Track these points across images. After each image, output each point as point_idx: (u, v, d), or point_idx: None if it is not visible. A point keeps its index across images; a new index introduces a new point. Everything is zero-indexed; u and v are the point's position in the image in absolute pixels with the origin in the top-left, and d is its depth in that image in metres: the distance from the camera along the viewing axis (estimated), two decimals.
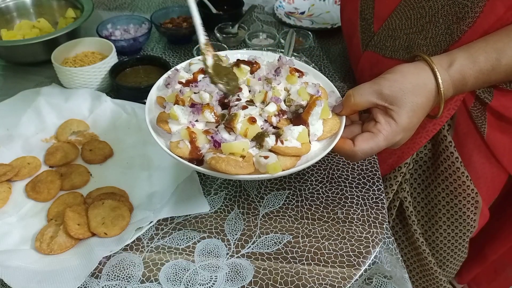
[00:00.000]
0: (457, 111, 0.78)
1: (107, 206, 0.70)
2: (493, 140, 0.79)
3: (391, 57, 0.82)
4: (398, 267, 0.73)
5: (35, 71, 1.05)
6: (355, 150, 0.60)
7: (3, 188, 0.75)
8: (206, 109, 0.60)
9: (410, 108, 0.59)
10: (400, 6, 0.76)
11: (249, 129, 0.57)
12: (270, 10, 1.31)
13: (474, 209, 0.86)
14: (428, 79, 0.61)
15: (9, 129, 0.86)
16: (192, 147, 0.58)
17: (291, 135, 0.57)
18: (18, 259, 0.64)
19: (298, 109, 0.62)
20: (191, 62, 0.71)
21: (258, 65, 0.68)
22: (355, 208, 0.74)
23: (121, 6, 1.34)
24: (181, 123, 0.60)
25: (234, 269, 0.65)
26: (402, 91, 0.59)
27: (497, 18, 0.66)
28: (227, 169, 0.54)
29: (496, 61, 0.62)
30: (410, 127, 0.61)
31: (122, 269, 0.65)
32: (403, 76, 0.60)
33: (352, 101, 0.61)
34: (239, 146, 0.56)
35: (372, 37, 0.84)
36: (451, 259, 0.97)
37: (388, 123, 0.60)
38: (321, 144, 0.62)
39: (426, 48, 0.75)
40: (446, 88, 0.62)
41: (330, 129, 0.61)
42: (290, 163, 0.57)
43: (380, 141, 0.60)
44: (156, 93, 0.67)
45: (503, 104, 0.74)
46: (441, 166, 0.85)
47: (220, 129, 0.59)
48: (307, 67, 0.72)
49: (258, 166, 0.56)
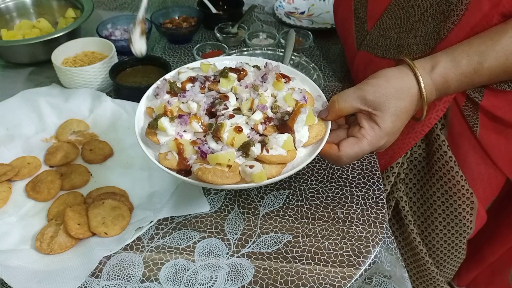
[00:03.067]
0: (450, 111, 0.78)
1: (107, 206, 0.70)
2: (487, 141, 0.79)
3: (383, 57, 0.83)
4: (398, 267, 0.73)
5: (35, 71, 1.05)
6: (340, 155, 0.61)
7: (3, 188, 0.75)
8: (193, 120, 0.61)
9: (393, 112, 0.61)
10: (390, 6, 0.77)
11: (236, 138, 0.58)
12: (270, 10, 1.31)
13: (470, 209, 0.86)
14: (411, 83, 0.62)
15: (9, 129, 0.86)
16: (180, 158, 0.58)
17: (276, 143, 0.58)
18: (18, 259, 0.64)
19: (284, 116, 0.63)
20: (180, 71, 0.72)
21: (245, 72, 0.69)
22: (355, 207, 0.74)
23: (121, 6, 1.34)
24: (169, 134, 0.61)
25: (234, 268, 0.65)
26: (385, 96, 0.60)
27: (482, 14, 0.66)
28: (213, 179, 0.55)
29: (478, 64, 0.63)
30: (394, 131, 0.63)
31: (122, 269, 0.65)
32: (386, 81, 0.62)
33: (336, 106, 0.62)
34: (225, 156, 0.56)
35: (365, 36, 0.85)
36: (448, 260, 0.97)
37: (372, 128, 0.61)
38: (307, 150, 0.63)
39: (416, 47, 0.76)
40: (429, 91, 0.63)
41: (315, 134, 0.62)
42: (275, 171, 0.58)
43: (364, 146, 0.61)
44: (146, 103, 0.68)
45: (494, 104, 0.74)
46: (435, 166, 0.85)
47: (208, 138, 0.60)
48: (295, 71, 0.73)
49: (244, 175, 0.57)
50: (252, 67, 0.71)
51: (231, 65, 0.72)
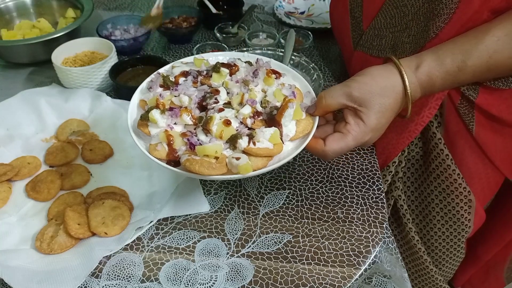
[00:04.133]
0: (446, 109, 0.79)
1: (107, 205, 0.70)
2: (483, 139, 0.79)
3: (378, 56, 0.83)
4: (398, 267, 0.73)
5: (35, 71, 1.05)
6: (326, 150, 0.63)
7: (3, 188, 0.75)
8: (184, 112, 0.62)
9: (378, 109, 0.62)
10: (385, 5, 0.77)
11: (224, 131, 0.60)
12: (270, 10, 1.31)
13: (467, 208, 0.86)
14: (396, 81, 0.63)
15: (9, 129, 0.86)
16: (170, 150, 0.60)
17: (263, 137, 0.60)
18: (19, 259, 0.64)
19: (272, 110, 0.64)
20: (174, 65, 0.73)
21: (237, 67, 0.70)
22: (355, 207, 0.74)
23: (121, 6, 1.34)
24: (159, 126, 0.62)
25: (234, 268, 0.65)
26: (370, 93, 0.62)
27: (473, 11, 0.67)
28: (201, 170, 0.56)
29: (462, 63, 0.64)
30: (379, 127, 0.64)
31: (122, 269, 0.65)
32: (372, 78, 0.63)
33: (323, 102, 0.64)
34: (212, 148, 0.58)
35: (361, 36, 0.85)
36: (447, 259, 0.97)
37: (357, 124, 0.63)
38: (294, 144, 0.64)
39: (409, 45, 0.77)
40: (414, 89, 0.64)
41: (303, 129, 0.64)
42: (261, 163, 0.59)
43: (349, 141, 0.63)
44: (139, 96, 0.69)
45: (489, 102, 0.74)
46: (432, 164, 0.85)
47: (198, 131, 0.62)
48: (287, 68, 0.74)
49: (230, 167, 0.58)
50: (244, 62, 0.72)
51: (224, 60, 0.73)
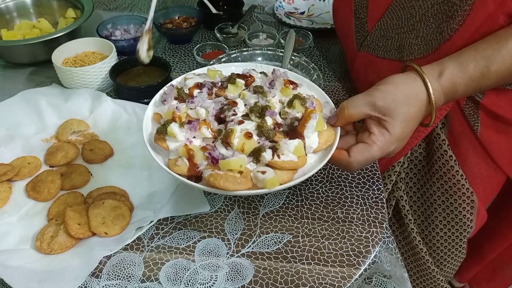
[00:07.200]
0: (450, 110, 0.79)
1: (108, 205, 0.70)
2: (487, 140, 0.79)
3: (383, 57, 0.83)
4: (398, 267, 0.73)
5: (35, 71, 1.05)
6: (351, 161, 0.61)
7: (4, 188, 0.75)
8: (203, 125, 0.61)
9: (403, 118, 0.61)
10: (391, 6, 0.77)
11: (246, 144, 0.58)
12: (270, 10, 1.31)
13: (470, 208, 0.86)
14: (419, 90, 0.62)
15: (9, 129, 0.86)
16: (190, 164, 0.58)
17: (287, 149, 0.58)
18: (19, 259, 0.64)
19: (293, 122, 0.63)
20: (186, 77, 0.72)
21: (252, 78, 0.69)
22: (355, 207, 0.74)
23: (121, 6, 1.34)
24: (178, 140, 0.60)
25: (234, 268, 0.65)
26: (395, 102, 0.61)
27: (487, 14, 0.66)
28: (226, 185, 0.55)
29: (485, 68, 0.63)
30: (404, 137, 0.63)
31: (122, 269, 0.65)
32: (396, 87, 0.62)
33: (346, 112, 0.62)
34: (236, 162, 0.56)
35: (366, 37, 0.85)
36: (448, 259, 0.97)
37: (382, 134, 0.62)
38: (317, 156, 0.63)
39: (418, 47, 0.76)
40: (437, 97, 0.63)
41: (325, 140, 0.62)
42: (287, 177, 0.58)
43: (374, 152, 0.61)
44: (153, 109, 0.68)
45: (495, 103, 0.74)
46: (435, 165, 0.85)
47: (217, 144, 0.60)
48: (301, 77, 0.73)
49: (256, 181, 0.57)
50: (259, 73, 0.71)
51: (238, 71, 0.72)
